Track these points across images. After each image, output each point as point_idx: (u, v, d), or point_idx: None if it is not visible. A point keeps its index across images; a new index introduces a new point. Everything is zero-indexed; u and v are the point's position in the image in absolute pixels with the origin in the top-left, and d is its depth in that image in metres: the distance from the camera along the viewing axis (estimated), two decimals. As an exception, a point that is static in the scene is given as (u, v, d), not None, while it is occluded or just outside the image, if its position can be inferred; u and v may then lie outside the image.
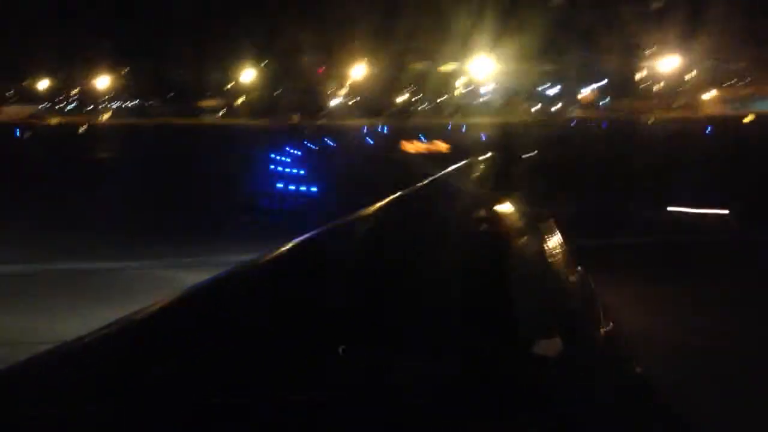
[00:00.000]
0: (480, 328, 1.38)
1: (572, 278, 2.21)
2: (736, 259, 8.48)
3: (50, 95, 52.06)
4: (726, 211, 10.79)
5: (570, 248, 2.62)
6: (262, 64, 49.02)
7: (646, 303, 6.35)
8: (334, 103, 49.24)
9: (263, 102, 48.86)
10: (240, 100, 51.35)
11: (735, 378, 4.87)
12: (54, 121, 45.32)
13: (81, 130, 36.47)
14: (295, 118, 45.67)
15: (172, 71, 46.57)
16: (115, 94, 51.16)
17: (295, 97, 48.24)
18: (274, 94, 49.43)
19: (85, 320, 4.04)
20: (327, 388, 1.10)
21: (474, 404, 1.09)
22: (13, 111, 50.01)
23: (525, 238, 2.54)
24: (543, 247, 2.45)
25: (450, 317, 1.43)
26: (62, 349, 1.18)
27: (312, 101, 48.03)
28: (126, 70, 49.43)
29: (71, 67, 49.88)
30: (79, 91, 52.15)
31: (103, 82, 50.79)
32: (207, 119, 48.18)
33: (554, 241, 2.71)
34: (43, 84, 51.52)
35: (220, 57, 47.58)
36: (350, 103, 48.34)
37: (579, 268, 2.38)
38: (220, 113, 50.74)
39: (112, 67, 49.51)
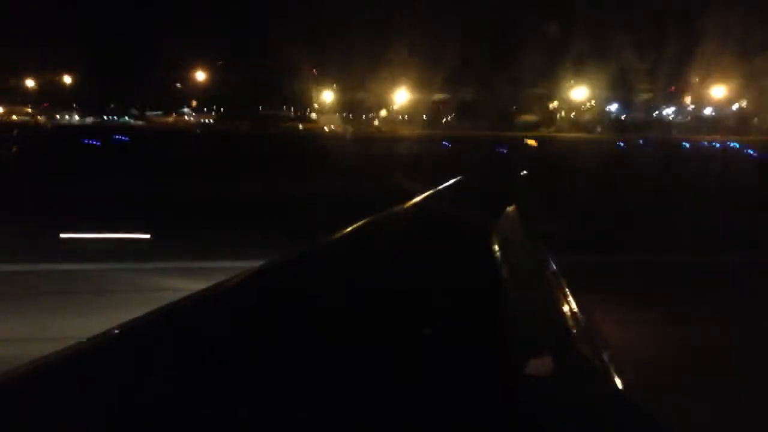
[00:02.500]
0: (471, 349, 1.39)
1: (562, 297, 2.23)
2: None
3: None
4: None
5: (559, 266, 2.62)
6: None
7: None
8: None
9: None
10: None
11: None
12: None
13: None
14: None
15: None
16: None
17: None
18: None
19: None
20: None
21: (463, 425, 1.10)
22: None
23: (515, 258, 2.54)
24: (533, 267, 2.45)
25: (439, 339, 1.43)
26: (57, 355, 1.17)
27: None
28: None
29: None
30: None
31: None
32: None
33: (545, 260, 2.72)
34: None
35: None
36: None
37: (568, 286, 2.39)
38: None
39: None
